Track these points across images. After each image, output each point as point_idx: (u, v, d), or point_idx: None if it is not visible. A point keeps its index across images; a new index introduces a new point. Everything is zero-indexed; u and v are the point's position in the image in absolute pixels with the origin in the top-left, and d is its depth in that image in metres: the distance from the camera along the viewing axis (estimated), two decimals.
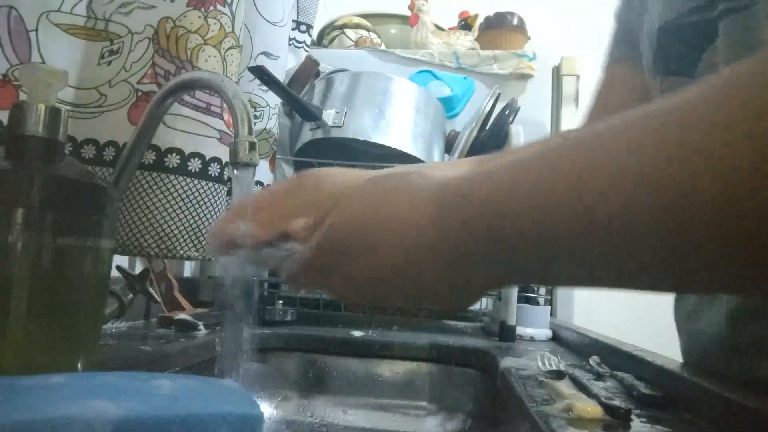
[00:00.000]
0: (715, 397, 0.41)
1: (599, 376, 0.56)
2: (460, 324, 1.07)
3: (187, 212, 0.63)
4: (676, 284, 0.29)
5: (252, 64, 0.82)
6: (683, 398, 0.46)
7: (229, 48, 0.67)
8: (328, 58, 1.20)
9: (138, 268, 0.90)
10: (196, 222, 0.64)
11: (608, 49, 0.69)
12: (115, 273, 0.58)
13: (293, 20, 1.03)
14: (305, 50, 1.09)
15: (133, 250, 0.62)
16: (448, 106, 1.15)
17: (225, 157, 0.67)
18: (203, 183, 0.65)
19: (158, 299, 0.81)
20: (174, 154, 0.63)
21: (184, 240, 0.63)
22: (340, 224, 0.34)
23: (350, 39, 1.51)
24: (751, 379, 0.45)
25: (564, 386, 0.50)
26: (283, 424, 0.79)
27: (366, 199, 0.34)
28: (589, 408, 0.42)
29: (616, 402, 0.43)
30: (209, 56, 0.65)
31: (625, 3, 0.66)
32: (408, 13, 1.53)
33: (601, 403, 0.43)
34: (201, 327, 0.74)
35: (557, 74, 1.46)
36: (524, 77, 1.38)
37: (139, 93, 0.64)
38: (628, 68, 0.63)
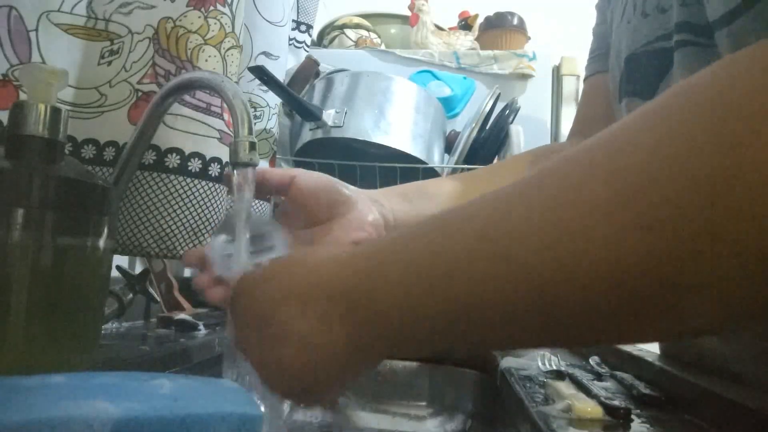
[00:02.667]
0: (715, 397, 0.41)
1: (599, 376, 0.56)
2: None
3: (187, 212, 0.63)
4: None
5: (252, 64, 0.82)
6: (683, 398, 0.46)
7: (229, 48, 0.67)
8: (328, 58, 1.20)
9: (138, 268, 0.90)
10: (196, 222, 0.64)
11: (587, 62, 0.71)
12: (115, 273, 0.58)
13: (293, 20, 1.03)
14: (305, 50, 1.08)
15: (133, 250, 0.62)
16: (448, 106, 1.15)
17: (225, 157, 0.67)
18: (203, 183, 0.65)
19: (158, 299, 0.81)
20: (174, 154, 0.63)
21: (184, 240, 0.63)
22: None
23: (350, 39, 1.51)
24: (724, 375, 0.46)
25: (564, 386, 0.50)
26: (283, 425, 0.79)
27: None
28: (589, 408, 0.42)
29: (616, 402, 0.43)
30: (209, 56, 0.65)
31: (600, 20, 0.67)
32: (408, 13, 1.54)
33: (601, 403, 0.43)
34: (201, 327, 0.74)
35: (557, 74, 1.46)
36: (524, 77, 1.38)
37: (139, 93, 0.64)
38: (606, 81, 0.64)
